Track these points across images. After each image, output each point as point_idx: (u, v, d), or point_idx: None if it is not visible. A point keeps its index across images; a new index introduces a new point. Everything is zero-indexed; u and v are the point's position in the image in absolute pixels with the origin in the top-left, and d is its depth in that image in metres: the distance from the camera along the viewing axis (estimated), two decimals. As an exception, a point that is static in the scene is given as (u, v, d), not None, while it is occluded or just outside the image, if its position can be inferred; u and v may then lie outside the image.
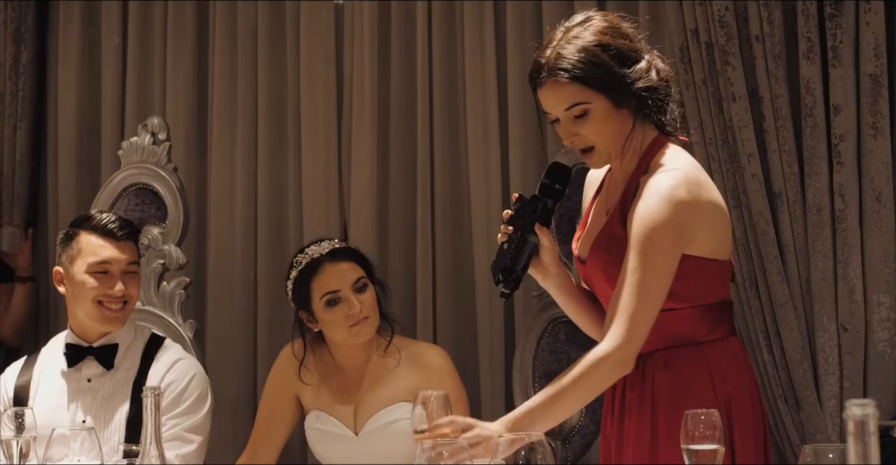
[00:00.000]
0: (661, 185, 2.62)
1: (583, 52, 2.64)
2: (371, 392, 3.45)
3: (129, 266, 3.44)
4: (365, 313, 3.40)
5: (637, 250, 2.60)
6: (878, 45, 3.64)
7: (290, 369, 3.54)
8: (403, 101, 4.35)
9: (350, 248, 3.51)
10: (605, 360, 2.59)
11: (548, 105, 2.69)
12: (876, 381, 3.60)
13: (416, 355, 3.48)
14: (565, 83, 2.64)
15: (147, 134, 4.19)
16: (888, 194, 3.63)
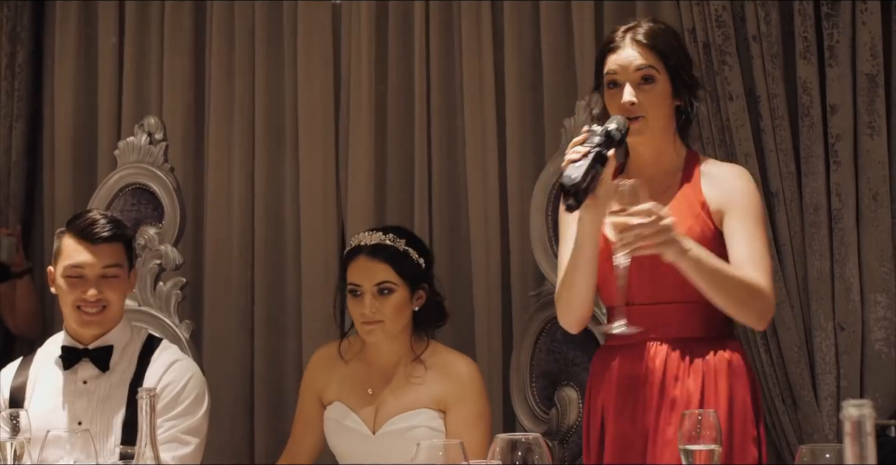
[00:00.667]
0: (741, 169, 3.00)
1: (661, 30, 2.94)
2: (395, 395, 3.41)
3: (105, 270, 3.36)
4: (377, 317, 3.37)
5: (752, 217, 2.85)
6: (874, 45, 3.64)
7: (318, 368, 3.53)
8: (401, 101, 4.35)
9: (393, 249, 3.41)
10: (763, 293, 2.79)
11: (619, 64, 2.90)
12: (873, 380, 3.61)
13: (446, 365, 3.42)
14: (645, 47, 2.90)
15: (144, 134, 4.18)
16: (885, 194, 3.63)
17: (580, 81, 4.07)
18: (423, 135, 4.28)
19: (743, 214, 2.87)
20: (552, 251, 3.81)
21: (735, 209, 2.87)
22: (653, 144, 2.95)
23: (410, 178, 4.30)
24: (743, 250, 2.82)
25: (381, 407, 3.42)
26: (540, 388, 3.83)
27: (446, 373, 3.41)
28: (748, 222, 2.86)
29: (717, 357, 2.88)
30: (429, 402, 3.38)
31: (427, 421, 3.36)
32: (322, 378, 3.52)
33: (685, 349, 2.88)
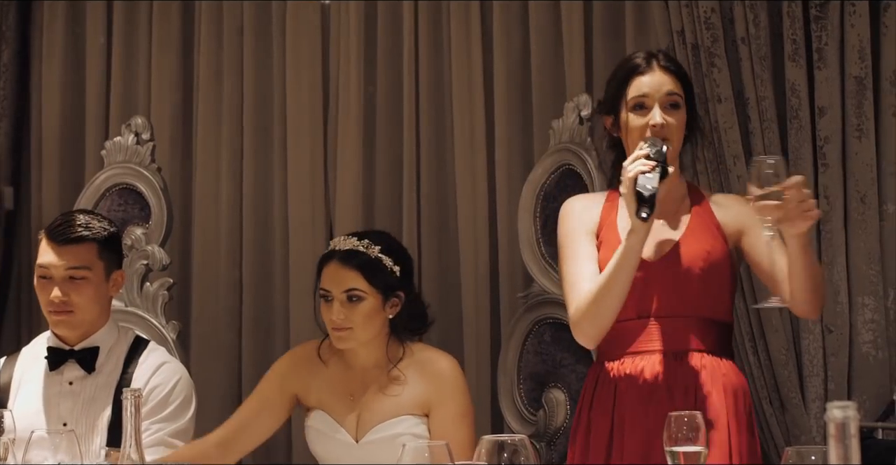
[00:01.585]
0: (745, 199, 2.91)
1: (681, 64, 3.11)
2: (377, 400, 3.35)
3: (70, 271, 3.32)
4: (346, 324, 3.30)
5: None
6: (862, 48, 3.64)
7: (296, 367, 3.45)
8: (390, 101, 4.34)
9: (367, 257, 3.34)
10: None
11: (651, 87, 2.99)
12: (860, 383, 3.61)
13: (426, 365, 3.36)
14: (674, 74, 3.01)
15: (131, 134, 4.18)
16: (872, 196, 3.63)
17: (569, 83, 4.07)
18: (411, 135, 4.27)
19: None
20: (540, 253, 3.81)
21: (754, 226, 2.89)
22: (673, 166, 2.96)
23: (399, 178, 4.30)
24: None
25: (364, 414, 3.36)
26: (527, 390, 3.83)
27: (427, 373, 3.35)
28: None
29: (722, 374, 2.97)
30: (411, 407, 3.33)
31: (411, 428, 3.31)
32: (301, 379, 3.44)
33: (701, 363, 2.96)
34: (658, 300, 2.95)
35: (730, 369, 2.98)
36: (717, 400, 2.92)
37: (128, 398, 2.31)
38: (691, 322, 2.96)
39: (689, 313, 2.96)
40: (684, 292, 2.92)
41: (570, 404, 3.72)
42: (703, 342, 2.97)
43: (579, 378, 3.70)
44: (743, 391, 2.99)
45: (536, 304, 3.82)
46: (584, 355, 3.71)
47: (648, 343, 2.98)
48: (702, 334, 2.97)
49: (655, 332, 2.97)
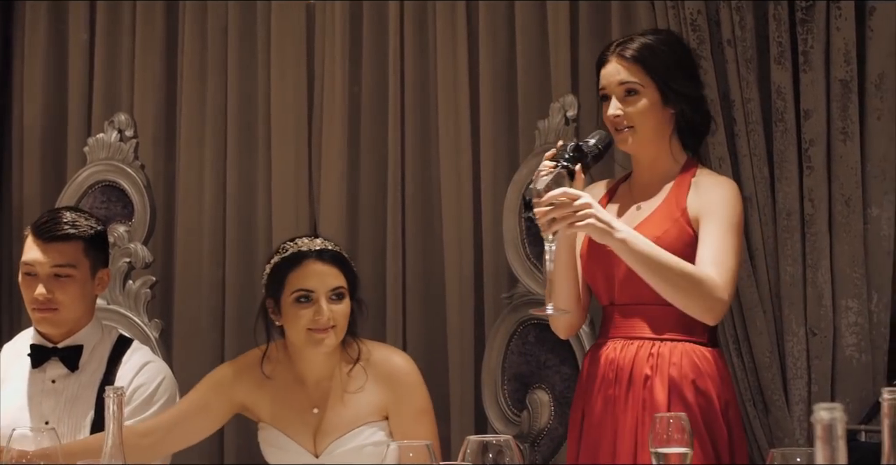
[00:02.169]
0: (728, 180, 3.11)
1: (651, 44, 3.06)
2: (333, 413, 3.24)
3: (55, 269, 3.28)
4: (332, 324, 3.19)
5: (726, 222, 2.95)
6: (848, 51, 3.64)
7: (241, 380, 3.31)
8: (375, 101, 4.33)
9: (341, 254, 3.28)
10: (710, 284, 2.87)
11: (606, 79, 3.07)
12: (844, 385, 3.61)
13: (379, 365, 3.27)
14: (628, 61, 3.04)
15: (114, 131, 4.15)
16: (857, 199, 3.63)
17: (554, 83, 4.06)
18: (396, 135, 4.26)
19: (717, 219, 2.97)
20: (525, 253, 3.80)
21: (710, 215, 2.97)
22: (647, 152, 3.10)
23: (383, 178, 4.28)
24: (707, 248, 2.93)
25: (322, 427, 3.24)
26: (511, 390, 3.82)
27: (383, 375, 3.26)
28: (720, 226, 2.96)
29: (687, 362, 2.98)
30: (368, 414, 3.23)
31: (370, 437, 3.22)
32: (249, 392, 3.29)
33: (657, 351, 2.99)
34: (618, 288, 3.04)
35: (688, 355, 2.98)
36: (660, 390, 2.94)
37: (110, 397, 2.28)
38: (646, 309, 3.01)
39: (643, 299, 2.99)
40: (638, 279, 2.94)
41: (553, 405, 3.72)
42: (656, 329, 3.00)
43: (563, 379, 3.70)
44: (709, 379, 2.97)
45: (521, 304, 3.81)
46: (569, 356, 3.71)
47: (611, 330, 3.08)
48: (655, 321, 3.00)
49: (617, 319, 3.06)
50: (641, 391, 2.96)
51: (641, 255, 2.86)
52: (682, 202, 3.02)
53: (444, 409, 3.99)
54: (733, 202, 3.02)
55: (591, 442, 3.03)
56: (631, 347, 3.01)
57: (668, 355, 2.98)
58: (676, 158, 3.12)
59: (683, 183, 3.06)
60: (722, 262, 2.91)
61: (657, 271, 2.87)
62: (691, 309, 2.91)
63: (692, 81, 3.11)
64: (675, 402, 2.94)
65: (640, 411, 2.96)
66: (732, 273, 2.93)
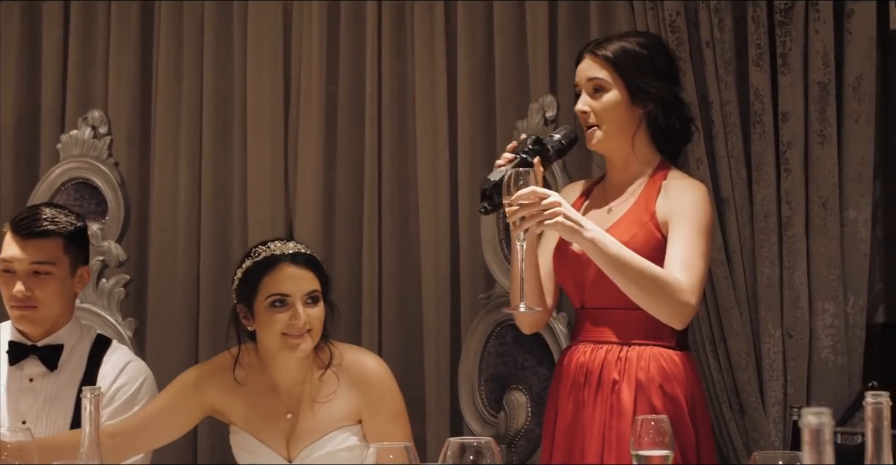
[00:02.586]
0: (698, 183, 3.12)
1: (626, 44, 3.11)
2: (306, 418, 3.21)
3: (34, 266, 3.25)
4: (309, 327, 3.15)
5: (694, 225, 2.97)
6: (826, 54, 3.65)
7: (212, 384, 3.27)
8: (352, 101, 4.31)
9: (314, 258, 3.24)
10: (677, 288, 2.88)
11: (578, 75, 3.13)
12: (819, 387, 3.61)
13: (352, 368, 3.24)
14: (598, 58, 3.09)
15: (88, 127, 4.12)
16: (834, 202, 3.64)
17: (533, 83, 4.05)
18: (373, 135, 4.24)
19: (686, 223, 2.98)
20: (503, 254, 3.79)
21: (679, 218, 2.99)
22: (614, 151, 3.13)
23: (360, 178, 4.27)
24: (675, 252, 2.94)
25: (295, 432, 3.22)
26: (488, 391, 3.81)
27: (355, 379, 3.23)
28: (689, 230, 2.97)
29: (655, 366, 3.00)
30: (341, 419, 3.21)
31: (343, 442, 3.21)
32: (221, 396, 3.26)
33: (625, 355, 3.01)
34: (588, 292, 3.07)
35: (656, 359, 2.99)
36: (626, 394, 2.96)
37: (87, 397, 2.26)
38: (615, 314, 3.03)
39: (613, 304, 3.01)
40: (607, 284, 2.95)
41: (531, 406, 3.71)
42: (625, 334, 3.02)
43: (541, 380, 3.69)
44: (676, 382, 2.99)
45: (498, 305, 3.80)
46: (546, 358, 3.70)
47: (582, 334, 3.11)
48: (624, 325, 3.02)
49: (587, 323, 3.09)
50: (609, 395, 2.98)
51: (610, 256, 2.87)
52: (651, 206, 3.03)
53: (419, 410, 3.98)
54: (703, 206, 3.02)
55: (563, 444, 3.05)
56: (600, 351, 3.04)
57: (635, 360, 3.00)
58: (648, 161, 3.13)
59: (654, 186, 3.07)
60: (690, 266, 2.92)
61: (625, 273, 2.87)
62: (658, 312, 2.92)
63: (665, 83, 3.11)
64: (642, 405, 2.96)
65: (607, 414, 2.98)
66: (700, 277, 2.94)
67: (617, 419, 2.94)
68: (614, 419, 2.95)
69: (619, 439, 2.93)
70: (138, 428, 3.24)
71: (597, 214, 3.11)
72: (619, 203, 3.10)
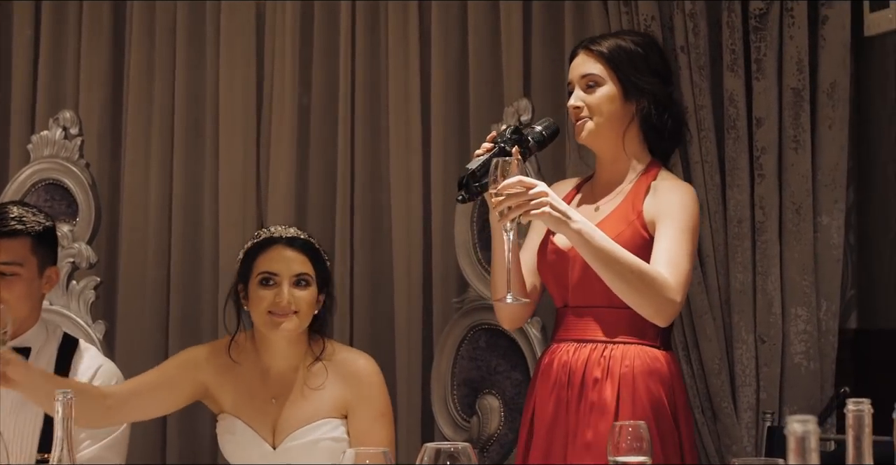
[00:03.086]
0: (686, 185, 3.11)
1: (620, 41, 3.12)
2: (294, 405, 3.26)
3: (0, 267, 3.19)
4: (293, 308, 3.21)
5: (681, 225, 2.96)
6: (800, 60, 3.66)
7: (208, 364, 3.31)
8: (325, 102, 4.29)
9: (312, 244, 3.32)
10: (664, 284, 2.87)
11: (572, 72, 3.13)
12: (791, 393, 3.62)
13: (345, 365, 3.29)
14: (592, 54, 3.10)
15: (58, 128, 4.08)
16: (807, 207, 3.64)
17: (506, 84, 4.05)
18: (346, 136, 4.23)
19: (672, 222, 2.97)
20: (476, 258, 3.78)
21: (665, 218, 2.98)
22: (603, 146, 3.12)
23: (332, 179, 4.24)
24: (661, 250, 2.93)
25: (281, 419, 3.26)
26: (461, 396, 3.80)
27: (346, 374, 3.28)
28: (675, 229, 2.96)
29: (639, 364, 2.98)
30: (329, 409, 3.25)
31: (329, 432, 3.24)
32: (217, 374, 3.30)
33: (609, 353, 2.99)
34: (571, 290, 3.04)
35: (640, 358, 2.98)
36: (609, 392, 2.95)
37: (59, 401, 2.22)
38: (599, 312, 3.01)
39: (596, 302, 2.99)
40: (591, 282, 2.95)
41: (504, 410, 3.70)
42: (608, 332, 3.01)
43: (514, 385, 3.68)
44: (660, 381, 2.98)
45: (472, 309, 3.79)
46: (520, 362, 3.69)
47: (564, 332, 3.08)
48: (608, 323, 3.01)
49: (570, 322, 3.07)
50: (591, 394, 2.97)
51: (597, 248, 2.85)
52: (638, 205, 3.02)
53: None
54: (690, 206, 3.02)
55: (543, 444, 3.03)
56: (583, 349, 3.02)
57: (619, 358, 2.98)
58: (638, 159, 3.12)
59: (642, 185, 3.07)
60: (676, 264, 2.91)
61: (611, 266, 2.86)
62: (642, 308, 2.90)
63: (659, 80, 3.11)
64: (625, 404, 2.94)
65: (590, 413, 2.96)
66: (685, 276, 2.92)
67: (599, 417, 2.93)
68: (597, 419, 2.93)
69: (602, 438, 2.92)
70: (132, 395, 3.25)
71: (585, 211, 3.09)
72: (607, 201, 3.10)
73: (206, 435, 4.23)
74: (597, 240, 2.85)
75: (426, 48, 4.19)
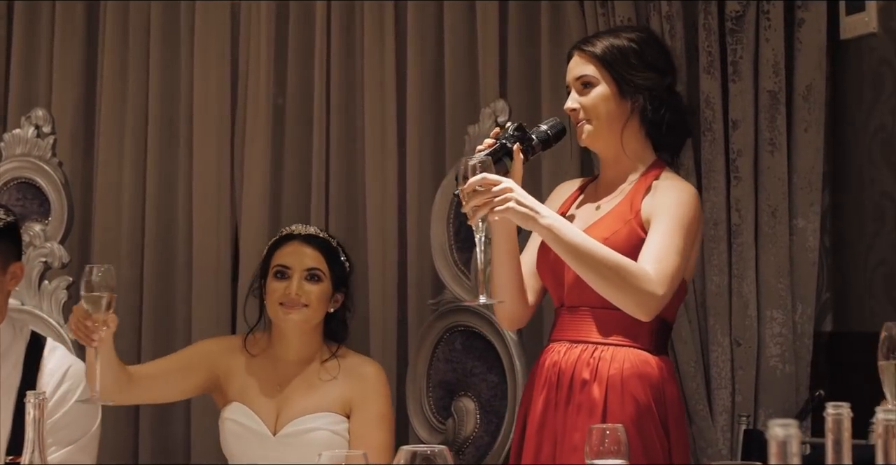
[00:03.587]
0: (687, 185, 3.06)
1: (613, 40, 3.07)
2: (299, 395, 3.40)
3: None
4: (303, 301, 3.38)
5: (674, 222, 2.92)
6: (777, 62, 3.66)
7: (224, 353, 3.48)
8: (300, 101, 4.27)
9: (329, 243, 3.50)
10: (642, 278, 2.83)
11: (568, 74, 3.10)
12: (767, 396, 3.62)
13: (352, 367, 3.44)
14: (585, 54, 3.07)
15: (31, 126, 4.05)
16: (783, 210, 3.64)
17: (483, 85, 4.04)
18: (321, 136, 4.20)
19: (666, 219, 2.94)
20: (453, 259, 3.77)
21: (660, 215, 2.95)
22: (605, 147, 3.09)
23: (307, 180, 4.22)
24: (650, 245, 2.90)
25: (284, 407, 3.39)
26: (436, 398, 3.79)
27: (353, 375, 3.41)
28: (668, 226, 2.93)
29: (628, 366, 2.95)
30: (333, 404, 3.37)
31: (330, 425, 3.35)
32: (229, 363, 3.47)
33: (598, 355, 2.97)
34: (567, 289, 3.02)
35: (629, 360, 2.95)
36: (597, 394, 2.93)
37: (31, 402, 2.19)
38: (592, 313, 2.99)
39: (590, 302, 2.96)
40: (584, 281, 2.92)
41: (479, 413, 3.69)
42: (600, 333, 2.98)
43: (490, 387, 3.67)
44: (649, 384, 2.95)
45: (448, 311, 3.78)
46: (496, 364, 3.68)
47: (558, 332, 3.07)
48: (600, 324, 2.98)
49: (564, 321, 3.05)
50: (579, 395, 2.95)
51: (568, 244, 2.83)
52: (636, 204, 2.99)
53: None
54: (686, 203, 2.97)
55: (533, 443, 3.02)
56: (574, 350, 2.99)
57: (608, 360, 2.95)
58: (639, 158, 3.09)
59: (643, 184, 3.04)
60: (662, 259, 2.87)
61: (585, 261, 2.83)
62: (621, 302, 2.87)
63: (655, 74, 3.07)
64: (613, 407, 2.92)
65: (578, 415, 2.95)
66: (672, 271, 2.87)
67: (587, 419, 2.90)
68: (583, 420, 2.91)
69: None
70: (147, 377, 3.39)
71: (586, 210, 3.08)
72: (608, 200, 3.07)
73: (178, 436, 4.21)
74: (567, 235, 2.82)
75: (402, 48, 4.18)
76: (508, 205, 2.78)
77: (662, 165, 3.10)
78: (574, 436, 2.92)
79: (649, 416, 2.93)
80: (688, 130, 3.22)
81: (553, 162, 3.89)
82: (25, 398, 2.19)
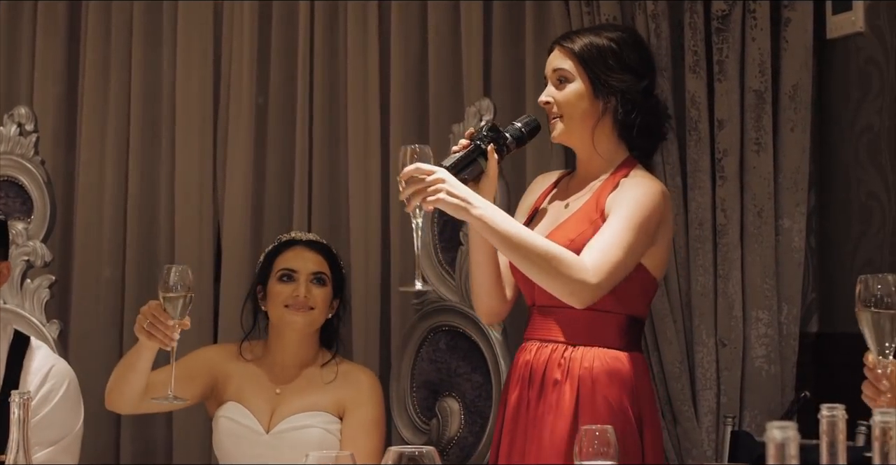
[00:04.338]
0: (652, 182, 3.03)
1: (593, 38, 3.09)
2: (295, 395, 3.46)
3: None
4: (309, 304, 3.45)
5: (627, 217, 2.90)
6: (763, 62, 3.65)
7: (230, 358, 3.53)
8: (283, 101, 4.25)
9: (330, 249, 3.60)
10: (575, 266, 2.82)
11: (546, 66, 3.13)
12: (752, 397, 3.61)
13: (348, 372, 3.51)
14: (564, 50, 3.09)
15: (13, 124, 4.02)
16: (769, 210, 3.64)
17: (466, 84, 4.02)
18: (304, 136, 4.19)
19: (617, 214, 2.93)
20: (437, 259, 3.76)
21: (615, 210, 2.95)
22: (577, 144, 3.12)
23: (290, 179, 4.21)
24: (597, 236, 2.90)
25: (279, 406, 3.43)
26: (420, 398, 3.77)
27: (348, 380, 3.47)
28: (617, 219, 2.92)
29: (598, 365, 2.96)
30: (328, 406, 3.42)
31: (323, 423, 3.40)
32: (226, 369, 3.51)
33: (569, 355, 2.98)
34: (538, 289, 3.01)
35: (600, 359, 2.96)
36: (568, 394, 2.93)
37: (15, 402, 2.17)
38: (561, 312, 2.99)
39: (560, 302, 2.94)
40: None
41: (464, 413, 3.68)
42: (570, 333, 2.99)
43: (475, 387, 3.66)
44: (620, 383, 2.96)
45: (432, 311, 3.76)
46: (480, 364, 3.67)
47: (531, 331, 3.09)
48: (569, 324, 2.99)
49: (536, 321, 3.08)
50: (551, 395, 2.96)
51: (500, 233, 2.83)
52: (602, 202, 3.00)
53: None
54: (644, 201, 2.96)
55: (507, 440, 3.04)
56: (545, 349, 3.01)
57: (579, 359, 2.97)
58: (610, 157, 3.09)
59: (611, 182, 3.04)
60: (603, 250, 2.86)
61: (517, 250, 2.83)
62: (555, 290, 2.87)
63: (631, 76, 3.07)
64: (584, 407, 2.93)
65: (547, 414, 2.95)
66: (611, 264, 2.86)
67: (556, 419, 2.91)
68: (552, 419, 2.92)
69: (559, 440, 2.90)
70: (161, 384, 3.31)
71: (555, 207, 3.10)
72: (577, 199, 3.08)
73: (159, 438, 4.19)
74: (499, 224, 2.82)
75: (385, 48, 4.16)
76: (439, 196, 2.80)
77: (634, 163, 3.10)
78: (543, 435, 2.93)
79: (623, 416, 2.94)
80: (661, 134, 3.21)
81: (537, 154, 3.88)
82: (10, 397, 2.17)
